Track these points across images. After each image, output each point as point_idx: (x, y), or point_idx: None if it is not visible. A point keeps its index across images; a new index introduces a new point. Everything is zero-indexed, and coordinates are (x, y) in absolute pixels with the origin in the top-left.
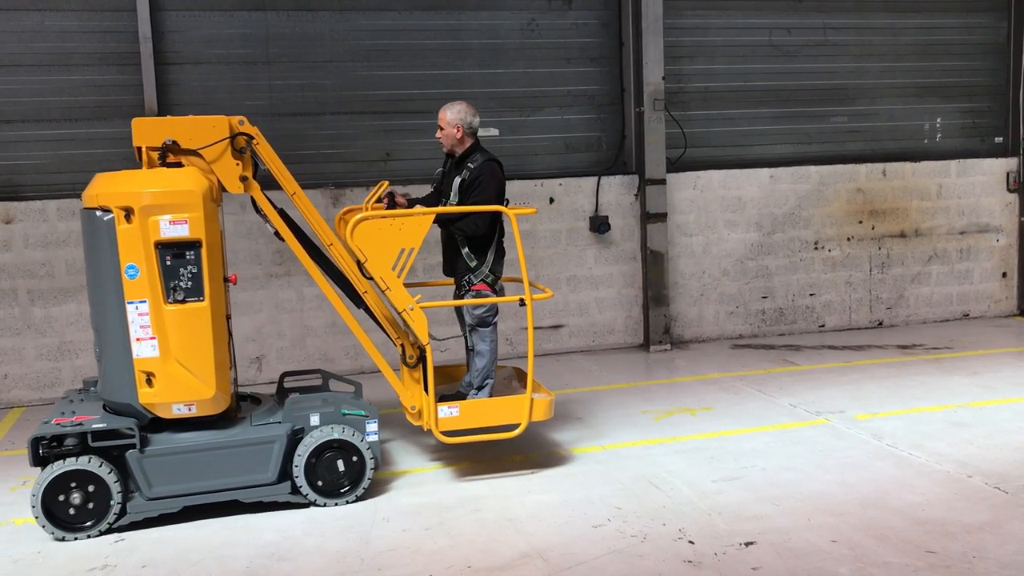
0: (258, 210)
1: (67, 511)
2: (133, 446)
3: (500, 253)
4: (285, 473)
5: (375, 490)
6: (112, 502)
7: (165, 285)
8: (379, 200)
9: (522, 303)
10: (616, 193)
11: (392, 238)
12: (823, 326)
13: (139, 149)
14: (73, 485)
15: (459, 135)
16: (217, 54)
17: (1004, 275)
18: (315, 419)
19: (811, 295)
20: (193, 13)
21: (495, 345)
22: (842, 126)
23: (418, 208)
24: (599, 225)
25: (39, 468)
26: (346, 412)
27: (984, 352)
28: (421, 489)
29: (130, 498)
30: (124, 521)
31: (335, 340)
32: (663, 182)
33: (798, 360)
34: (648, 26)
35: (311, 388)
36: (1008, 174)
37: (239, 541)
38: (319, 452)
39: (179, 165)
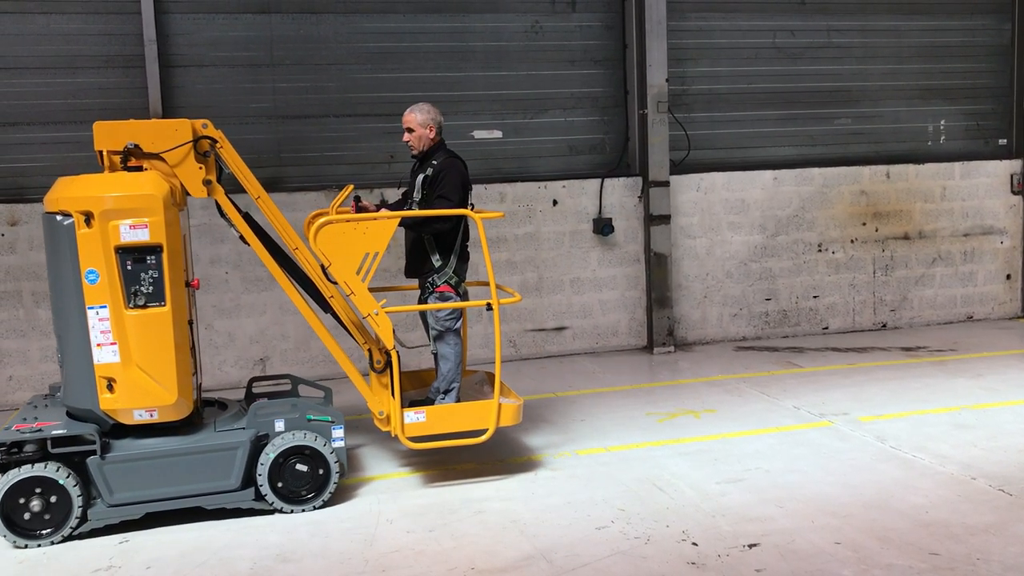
0: (222, 214)
1: (26, 518)
2: (94, 452)
3: (464, 256)
4: (249, 479)
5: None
6: (73, 509)
7: (126, 290)
8: (343, 204)
9: (489, 307)
10: (620, 195)
11: (356, 242)
12: (827, 328)
13: (101, 153)
14: (34, 492)
15: (432, 135)
16: (221, 57)
17: (1008, 277)
18: (280, 425)
19: (815, 297)
20: (198, 16)
21: (459, 348)
22: (846, 128)
23: (383, 212)
24: (603, 227)
25: None
26: (311, 418)
27: (988, 354)
28: (425, 490)
29: (92, 504)
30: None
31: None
32: (667, 184)
33: (802, 362)
34: (652, 28)
35: (280, 393)
36: (1012, 176)
37: (244, 542)
38: (283, 458)
39: (140, 169)
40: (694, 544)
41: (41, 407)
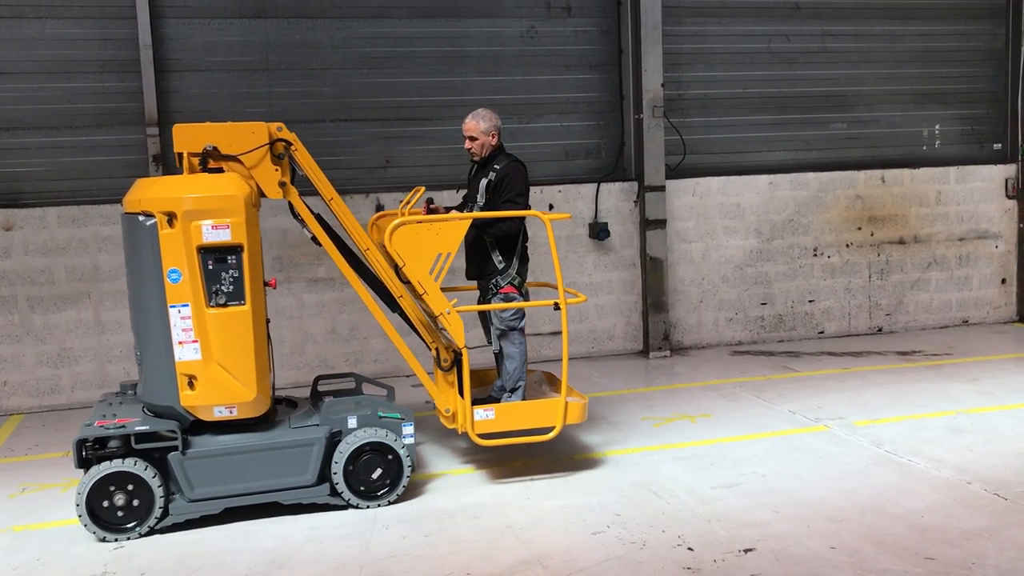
0: (295, 215)
1: (111, 513)
2: (175, 448)
3: (525, 257)
4: (324, 475)
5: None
6: (155, 504)
7: (207, 289)
8: (415, 206)
9: (556, 307)
10: (615, 200)
11: (429, 243)
12: (822, 332)
13: (180, 155)
14: (116, 487)
15: (494, 141)
16: (217, 61)
17: (1003, 281)
18: (352, 422)
19: (810, 301)
20: (193, 20)
21: (524, 348)
22: (841, 133)
23: (454, 213)
24: (598, 231)
25: (82, 470)
26: (382, 415)
27: (983, 358)
28: (421, 496)
29: (171, 500)
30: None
31: (335, 347)
32: (662, 189)
33: (797, 366)
34: (647, 33)
35: (344, 391)
36: (1007, 180)
37: (239, 548)
38: (357, 454)
39: (220, 171)
40: (690, 549)
41: (116, 404)
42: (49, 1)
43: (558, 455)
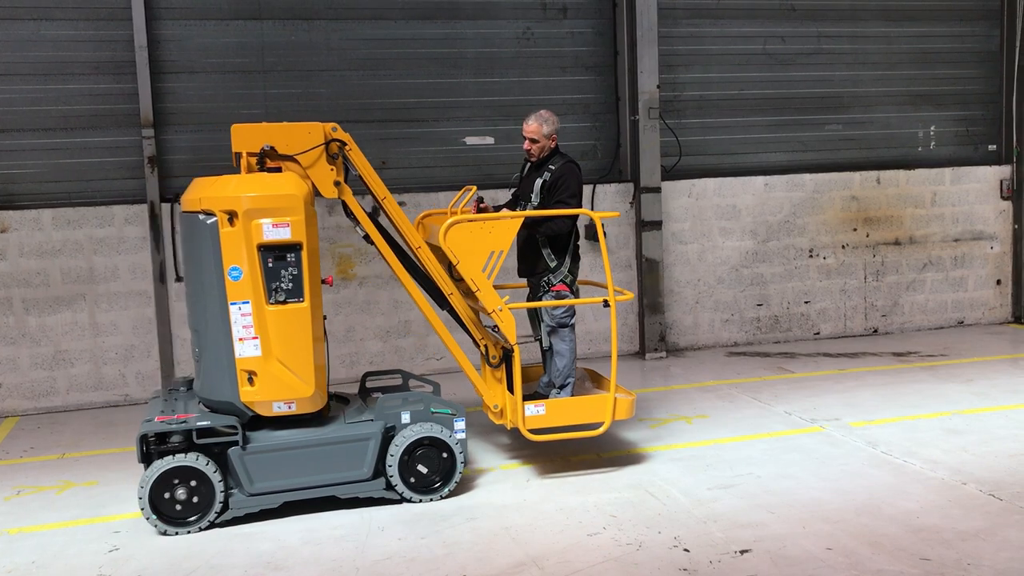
0: (348, 214)
1: (173, 506)
2: (235, 443)
3: (576, 256)
4: (379, 469)
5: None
6: (215, 497)
7: (267, 286)
8: (465, 204)
9: (606, 304)
10: (611, 201)
11: (483, 241)
12: (818, 333)
13: (237, 155)
14: (178, 481)
15: (553, 144)
16: (213, 63)
17: (998, 282)
18: (406, 417)
19: (806, 303)
20: (189, 22)
21: (574, 345)
22: (836, 134)
23: (506, 212)
24: (594, 233)
25: (144, 465)
26: (435, 410)
27: (979, 359)
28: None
29: (230, 494)
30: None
31: (331, 348)
32: (658, 190)
33: (793, 367)
34: (643, 35)
35: (392, 387)
36: (1002, 182)
37: (235, 550)
38: (411, 449)
39: (278, 170)
40: (686, 550)
41: (171, 400)
42: (44, 2)
43: (555, 456)
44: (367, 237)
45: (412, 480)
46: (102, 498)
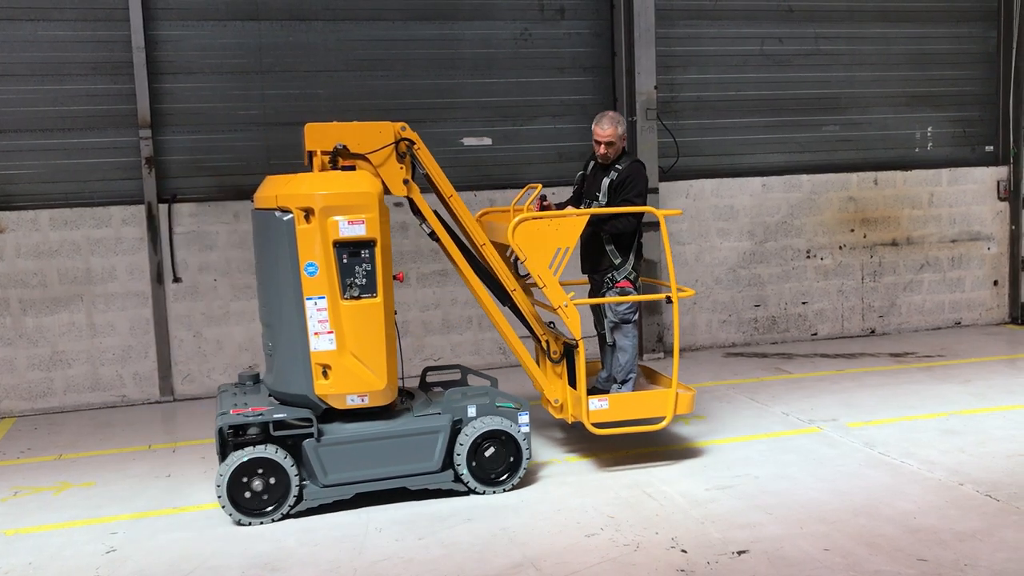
0: (415, 211)
1: (249, 497)
2: (311, 435)
3: (640, 253)
4: (447, 462)
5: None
6: (291, 489)
7: (342, 282)
8: (521, 203)
9: (669, 300)
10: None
11: (549, 238)
12: (815, 334)
13: (310, 153)
14: (255, 472)
15: (624, 144)
16: (210, 64)
17: (995, 283)
18: (472, 411)
19: (803, 303)
20: (186, 23)
21: (637, 341)
22: (834, 135)
23: (571, 210)
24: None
25: (219, 458)
26: (500, 404)
27: (976, 360)
28: (415, 499)
29: (303, 486)
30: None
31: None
32: (656, 191)
33: (791, 368)
34: (640, 36)
35: (451, 382)
36: (999, 182)
37: (232, 551)
38: (479, 442)
39: (351, 168)
40: (683, 551)
41: (240, 394)
42: (41, 3)
43: (551, 458)
44: (433, 234)
45: (480, 472)
46: (99, 499)
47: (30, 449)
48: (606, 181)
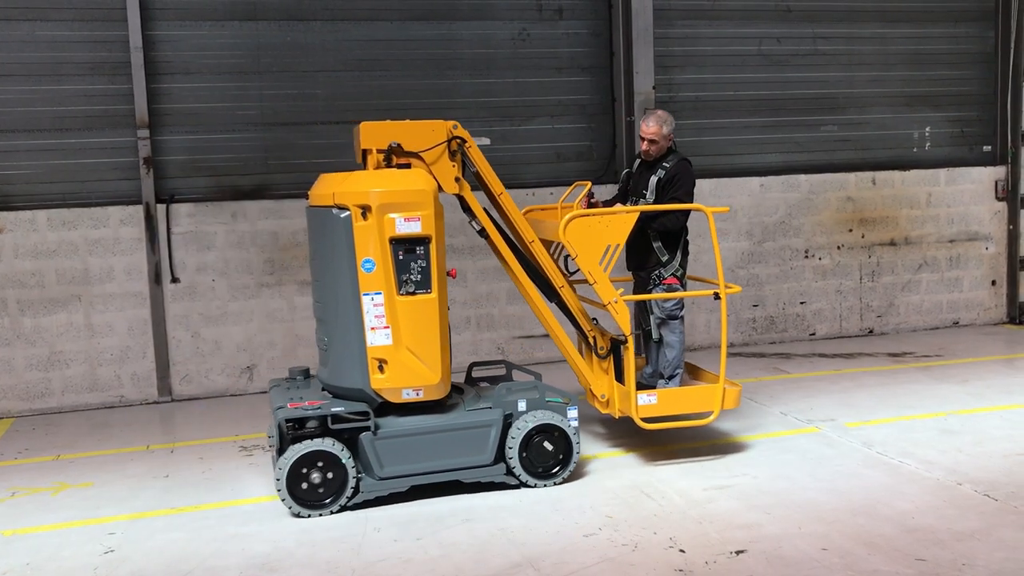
0: (464, 209)
1: (307, 490)
2: (367, 428)
3: (686, 250)
4: (499, 455)
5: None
6: (348, 481)
7: (397, 278)
8: (568, 200)
9: (717, 296)
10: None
11: (600, 234)
12: (814, 334)
13: (365, 151)
14: (313, 465)
15: (670, 143)
16: (208, 64)
17: (993, 283)
18: (522, 405)
19: (802, 303)
20: (184, 23)
21: (683, 336)
22: (832, 135)
23: (620, 207)
24: None
25: (277, 451)
26: (549, 399)
27: (974, 360)
28: (413, 499)
29: (359, 478)
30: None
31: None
32: None
33: (789, 368)
34: (638, 36)
35: (497, 377)
36: (997, 182)
37: (230, 551)
38: (530, 436)
39: (406, 166)
40: (681, 551)
41: (293, 388)
42: (39, 3)
43: None
44: (483, 231)
45: (531, 466)
46: (97, 500)
47: (28, 449)
48: (653, 179)
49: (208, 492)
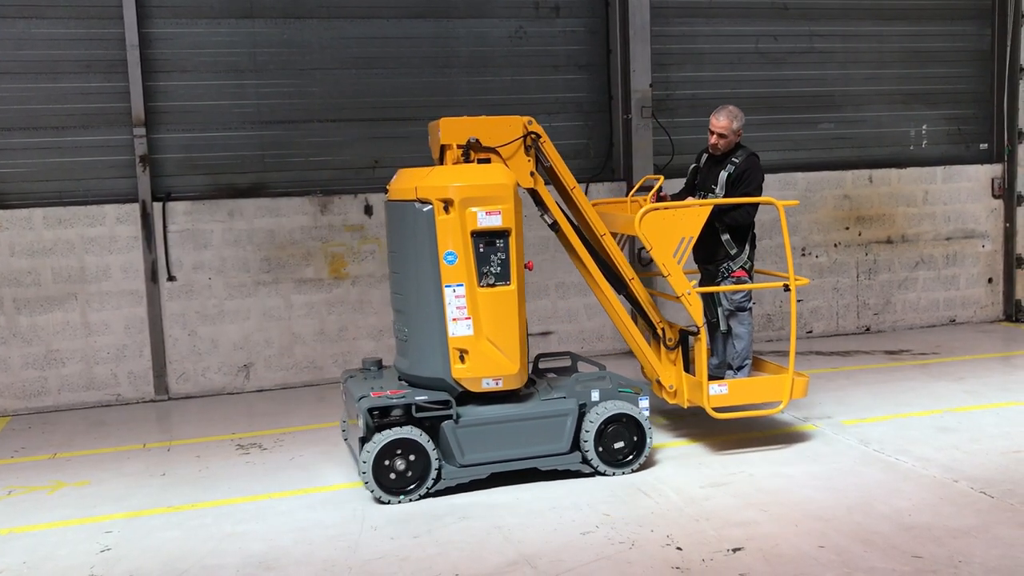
0: (537, 203)
1: (394, 478)
2: (449, 417)
3: (754, 243)
4: (575, 444)
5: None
6: (430, 469)
7: (478, 270)
8: (641, 192)
9: (786, 288)
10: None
11: (673, 228)
12: (810, 332)
13: (443, 147)
14: (397, 453)
15: (738, 139)
16: (204, 62)
17: (990, 281)
18: (596, 395)
19: (799, 301)
20: (180, 21)
21: (751, 328)
22: (828, 133)
23: (691, 200)
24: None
25: (362, 440)
26: (621, 389)
27: (970, 357)
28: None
29: (441, 466)
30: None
31: (323, 348)
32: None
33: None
34: (635, 33)
35: (562, 369)
36: (993, 180)
37: (227, 550)
38: (605, 425)
39: (487, 161)
40: (678, 549)
41: (370, 378)
42: (35, 1)
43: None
44: (555, 224)
45: (607, 454)
46: (94, 498)
47: (24, 448)
48: (723, 175)
49: (205, 490)
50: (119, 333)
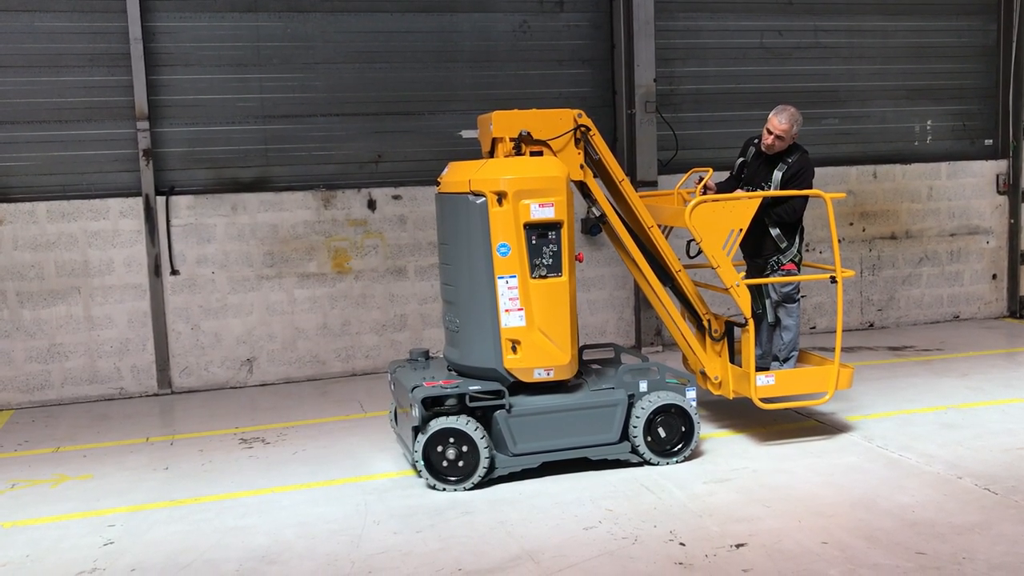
0: (585, 195)
1: (446, 466)
2: (502, 407)
3: (803, 236)
4: (624, 434)
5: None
6: (482, 457)
7: (531, 262)
8: (700, 188)
9: (833, 280)
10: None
11: (724, 220)
12: (814, 328)
13: (495, 140)
14: (448, 442)
15: (793, 141)
16: (208, 56)
17: (994, 277)
18: (644, 386)
19: (802, 296)
20: (184, 14)
21: (799, 320)
22: (833, 128)
23: (739, 192)
24: (591, 227)
25: (415, 428)
26: (668, 380)
27: (974, 354)
28: (413, 492)
29: (493, 455)
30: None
31: (326, 342)
32: (655, 184)
33: None
34: (639, 28)
35: (606, 360)
36: (998, 176)
37: (229, 544)
38: (654, 415)
39: (540, 154)
40: (681, 544)
41: (419, 369)
42: None
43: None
44: (603, 216)
45: (656, 444)
46: (97, 492)
47: (27, 442)
48: (778, 174)
49: (208, 484)
50: (122, 327)
